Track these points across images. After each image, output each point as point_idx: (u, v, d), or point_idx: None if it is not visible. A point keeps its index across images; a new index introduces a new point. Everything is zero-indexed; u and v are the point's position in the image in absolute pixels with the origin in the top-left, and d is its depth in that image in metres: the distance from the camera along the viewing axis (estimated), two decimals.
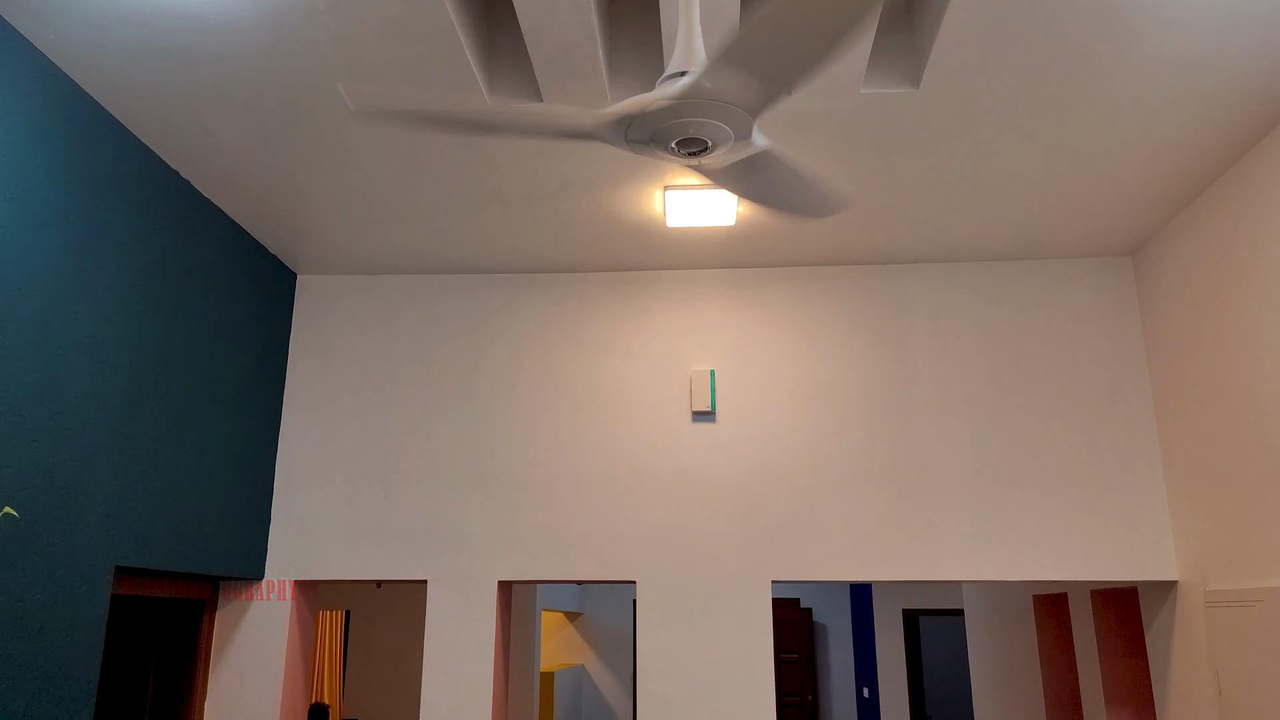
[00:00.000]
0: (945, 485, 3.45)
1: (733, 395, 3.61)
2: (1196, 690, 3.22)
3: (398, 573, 3.47)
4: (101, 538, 2.49)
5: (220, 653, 3.37)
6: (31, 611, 2.22)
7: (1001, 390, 3.54)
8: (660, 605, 3.42)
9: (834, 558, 3.42)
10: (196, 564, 2.98)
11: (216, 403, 3.12)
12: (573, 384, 3.64)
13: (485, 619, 3.42)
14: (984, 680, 5.81)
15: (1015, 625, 5.16)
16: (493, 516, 3.51)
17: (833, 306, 3.67)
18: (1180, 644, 3.33)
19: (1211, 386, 3.11)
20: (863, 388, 3.58)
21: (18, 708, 2.17)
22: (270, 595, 3.44)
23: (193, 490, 2.96)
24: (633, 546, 3.47)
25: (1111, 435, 3.46)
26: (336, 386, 3.66)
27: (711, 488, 3.51)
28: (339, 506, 3.53)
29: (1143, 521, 3.38)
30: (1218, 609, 3.05)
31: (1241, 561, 2.95)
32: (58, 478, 2.33)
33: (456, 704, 3.34)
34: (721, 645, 3.37)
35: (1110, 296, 3.60)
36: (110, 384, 2.55)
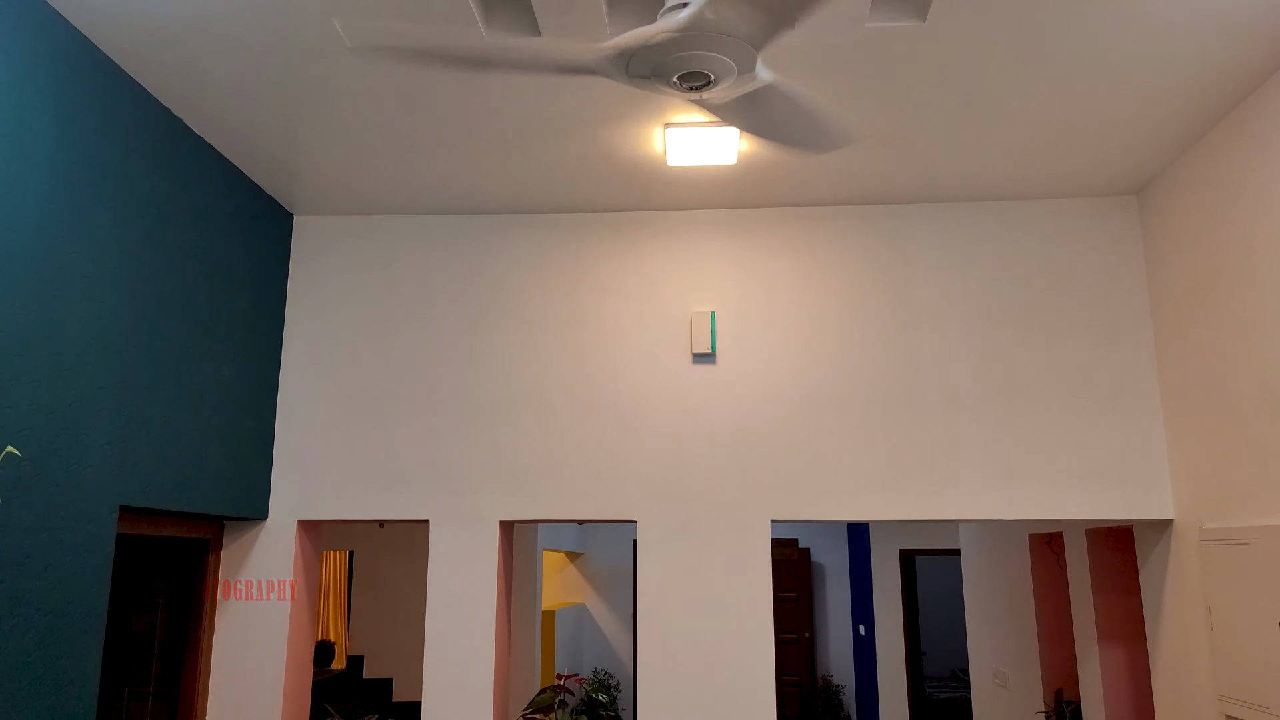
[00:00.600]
0: (945, 426, 3.46)
1: (733, 337, 3.60)
2: (1188, 625, 3.28)
3: (400, 513, 3.50)
4: (105, 478, 2.50)
5: (226, 596, 3.42)
6: (38, 550, 2.24)
7: (1002, 331, 3.53)
8: (660, 544, 3.46)
9: (833, 497, 3.44)
10: (200, 504, 3.00)
11: (215, 344, 3.12)
12: (573, 326, 3.63)
13: (487, 558, 3.46)
14: (978, 617, 5.91)
15: (1010, 564, 5.23)
16: (494, 457, 3.53)
17: (834, 247, 3.65)
18: (1174, 581, 3.38)
19: (1213, 327, 3.10)
20: (863, 329, 3.57)
21: (28, 643, 2.20)
22: (274, 535, 3.47)
23: (194, 431, 2.97)
24: (633, 487, 3.49)
25: (1111, 376, 3.47)
26: (335, 328, 3.65)
27: (711, 429, 3.52)
28: (341, 448, 3.55)
29: (1140, 461, 3.40)
30: (1212, 546, 3.08)
31: (1236, 500, 2.97)
32: (59, 418, 2.33)
33: (460, 641, 3.40)
34: (721, 584, 3.42)
35: (1114, 236, 3.57)
36: (108, 325, 2.54)
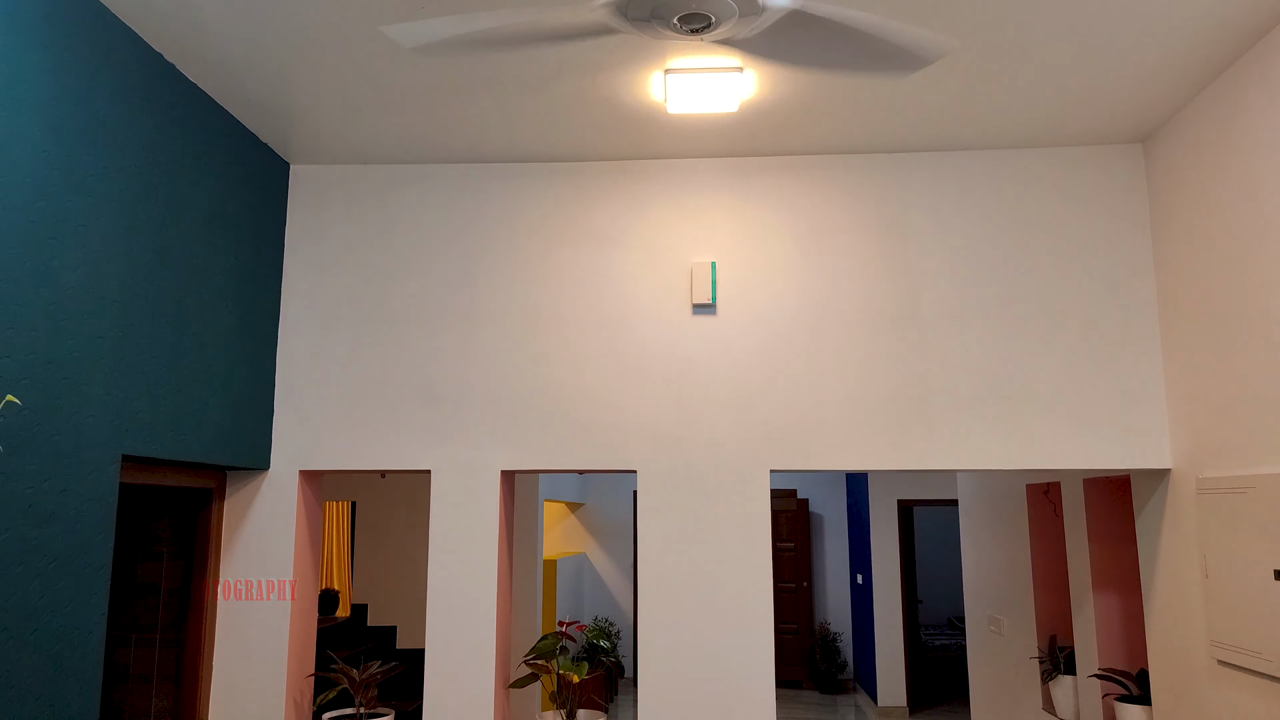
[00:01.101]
0: (944, 375, 3.46)
1: (734, 287, 3.59)
2: (1183, 573, 3.31)
3: (401, 463, 3.52)
4: (107, 427, 2.51)
5: (230, 541, 3.45)
6: (42, 498, 2.25)
7: (1004, 281, 3.51)
8: (660, 494, 3.48)
9: (832, 448, 3.46)
10: (202, 454, 3.01)
11: (214, 294, 3.10)
12: (572, 276, 3.61)
13: (489, 507, 3.49)
14: (975, 565, 5.97)
15: (1007, 513, 5.27)
16: (494, 407, 3.53)
17: (835, 197, 3.61)
18: (1170, 530, 3.41)
19: (1215, 277, 3.08)
20: (864, 279, 3.55)
21: (34, 590, 2.23)
22: (276, 485, 3.49)
23: (195, 381, 2.97)
24: (633, 437, 3.51)
25: (1113, 325, 3.46)
26: (334, 278, 3.63)
27: (712, 379, 3.52)
28: (342, 398, 3.55)
29: (1139, 412, 3.41)
30: (1208, 496, 3.10)
31: (1234, 450, 2.98)
32: (59, 368, 2.33)
33: (462, 589, 3.44)
34: (721, 533, 3.45)
35: (1119, 185, 3.54)
36: (105, 274, 2.53)
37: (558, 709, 3.50)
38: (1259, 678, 2.85)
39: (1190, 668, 3.28)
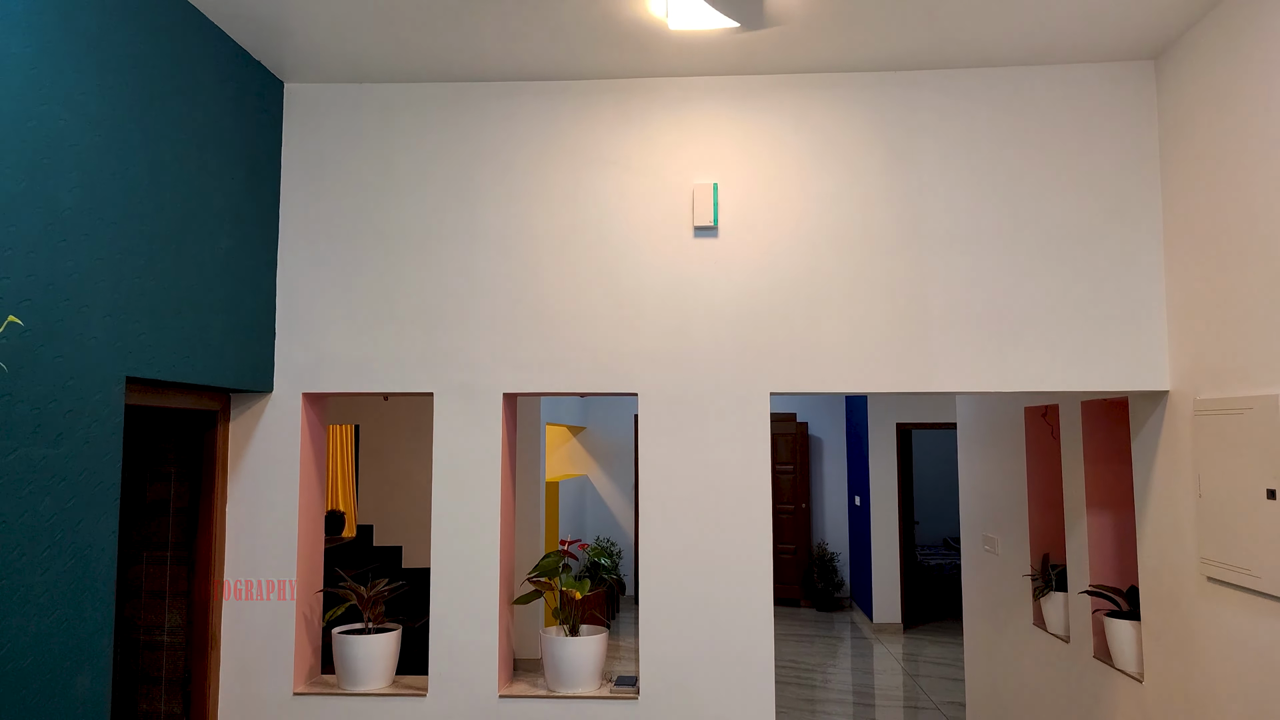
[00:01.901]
0: (946, 298, 3.46)
1: (735, 209, 3.55)
2: (1177, 493, 3.36)
3: (403, 385, 3.54)
4: (109, 349, 2.52)
5: (236, 463, 3.49)
6: (48, 419, 2.28)
7: (1009, 202, 3.48)
8: (661, 416, 3.51)
9: (832, 370, 3.47)
10: (205, 376, 3.03)
11: (211, 216, 3.08)
12: (572, 197, 3.58)
13: (491, 430, 3.52)
14: (971, 487, 6.06)
15: (1005, 436, 5.32)
16: (495, 330, 3.54)
17: (839, 116, 3.55)
18: (1165, 451, 3.44)
19: (1224, 198, 3.05)
20: (867, 200, 3.52)
21: (44, 510, 2.26)
22: (280, 408, 3.52)
23: (196, 304, 2.97)
24: (634, 359, 3.52)
25: (1117, 247, 3.44)
26: (332, 201, 3.60)
27: (713, 302, 3.52)
28: (342, 320, 3.56)
29: (1139, 334, 3.41)
30: (1205, 417, 3.12)
31: (1232, 372, 3.00)
32: (59, 290, 2.33)
33: (466, 510, 3.49)
34: (721, 455, 3.48)
35: (1128, 104, 3.48)
36: (101, 195, 2.51)
37: (561, 624, 3.59)
38: (1247, 593, 2.91)
39: (1179, 584, 3.35)
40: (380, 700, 3.43)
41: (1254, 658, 2.89)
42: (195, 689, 3.35)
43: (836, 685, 7.66)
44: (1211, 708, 3.14)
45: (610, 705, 3.41)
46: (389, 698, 3.44)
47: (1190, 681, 3.28)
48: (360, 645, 3.46)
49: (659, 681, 3.40)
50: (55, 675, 2.29)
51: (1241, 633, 2.96)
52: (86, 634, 2.40)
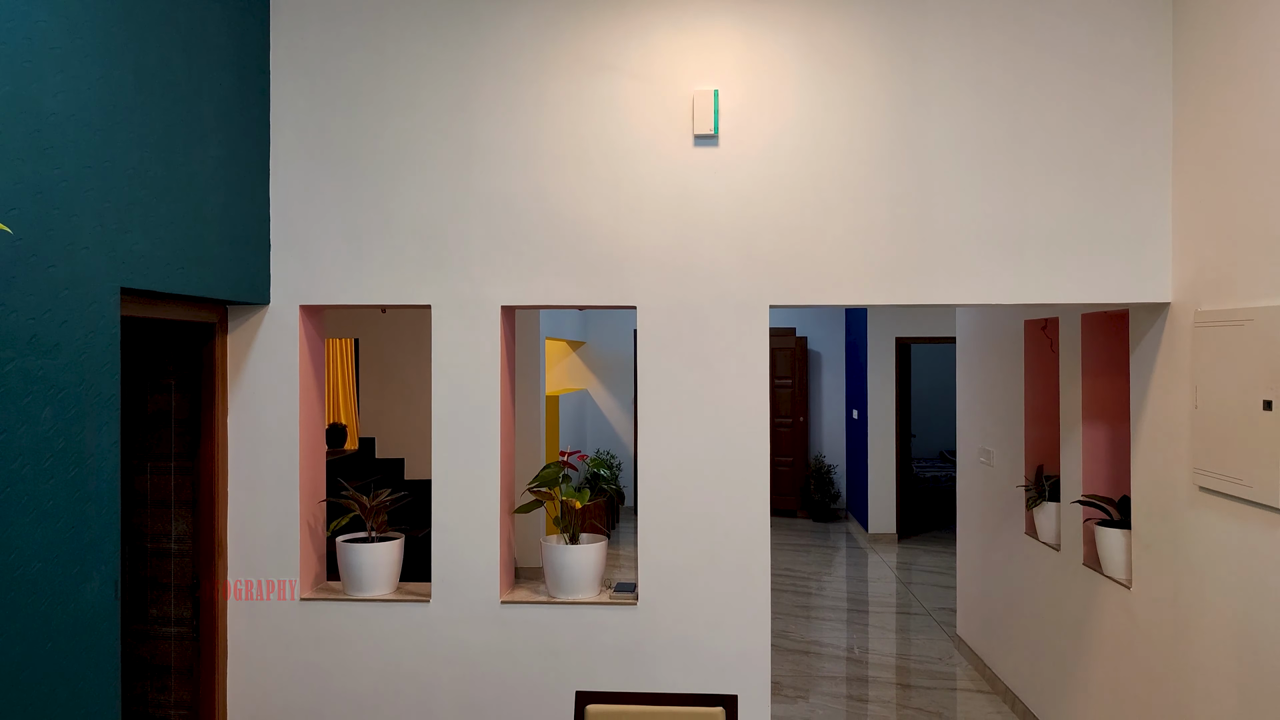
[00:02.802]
0: (948, 209, 3.41)
1: (736, 118, 3.48)
2: (1172, 405, 3.37)
3: (401, 297, 3.52)
4: (102, 259, 2.49)
5: (236, 374, 3.50)
6: (44, 330, 2.27)
7: (1016, 112, 3.40)
8: (660, 329, 3.50)
9: (833, 282, 3.45)
10: (201, 288, 3.01)
11: (199, 124, 3.01)
12: (570, 104, 3.49)
13: (490, 343, 3.51)
14: (969, 400, 6.09)
15: (1004, 349, 5.33)
16: (493, 241, 3.50)
17: (844, 24, 3.44)
18: (1163, 363, 3.45)
19: (1237, 107, 2.98)
20: (870, 110, 3.44)
21: (45, 419, 2.27)
22: (277, 320, 3.51)
23: (188, 214, 2.93)
24: (633, 271, 3.49)
25: (1124, 158, 3.38)
26: (323, 109, 3.52)
27: (713, 212, 3.47)
28: (339, 233, 3.51)
29: (1144, 245, 3.38)
30: (1206, 328, 3.12)
31: (1235, 284, 2.98)
32: (48, 198, 2.29)
33: (467, 423, 3.51)
34: (720, 367, 3.49)
35: (1143, 10, 3.37)
36: (87, 100, 2.44)
37: (561, 533, 3.65)
38: (1238, 502, 2.95)
39: (1172, 493, 3.39)
40: (385, 605, 3.51)
41: (1242, 565, 2.95)
42: (204, 595, 3.43)
43: (831, 593, 7.85)
44: (1198, 613, 3.22)
45: (610, 610, 3.49)
46: (394, 603, 3.52)
47: (1178, 588, 3.36)
48: (364, 553, 3.52)
49: (657, 588, 3.48)
50: (64, 581, 2.33)
51: (1231, 541, 3.01)
52: (93, 541, 2.44)
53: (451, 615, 3.50)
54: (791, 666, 5.91)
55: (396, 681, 3.50)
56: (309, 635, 3.51)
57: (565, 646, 3.48)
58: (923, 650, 6.26)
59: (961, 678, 5.71)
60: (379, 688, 3.50)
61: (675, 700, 2.52)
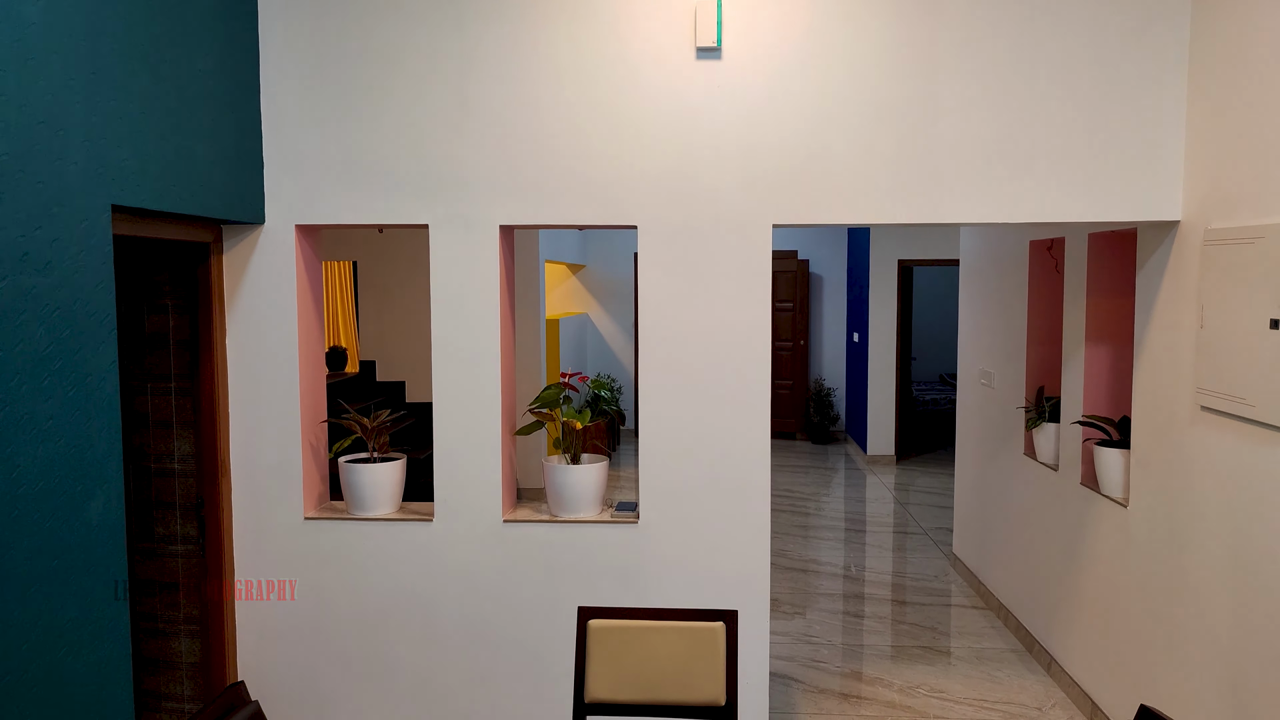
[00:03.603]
0: (956, 125, 3.33)
1: (740, 29, 3.37)
2: (1177, 324, 3.35)
3: (398, 217, 3.46)
4: (91, 175, 2.44)
5: (233, 295, 3.47)
6: (35, 248, 2.23)
7: (1027, 23, 3.29)
8: (661, 249, 3.45)
9: (838, 201, 3.38)
10: (194, 206, 2.95)
11: (186, 35, 2.92)
12: (568, 16, 3.38)
13: (489, 263, 3.47)
14: (971, 321, 6.07)
15: (1008, 270, 5.28)
16: (490, 159, 3.42)
17: None
18: (1170, 282, 3.41)
19: (1258, 14, 2.88)
20: (878, 24, 3.33)
21: (41, 338, 2.25)
22: (273, 240, 3.46)
23: (178, 129, 2.86)
24: (634, 190, 3.43)
25: (1138, 71, 3.28)
26: (314, 21, 3.40)
27: (715, 129, 3.39)
28: (334, 151, 3.44)
29: (1155, 162, 3.31)
30: (1215, 246, 3.07)
31: (1247, 200, 2.92)
32: (32, 111, 2.23)
33: (467, 345, 3.49)
34: (721, 288, 3.45)
35: None
36: (69, 9, 2.36)
37: (562, 454, 3.66)
38: (1240, 421, 2.95)
39: (1172, 413, 3.39)
40: (389, 524, 3.55)
41: (1240, 484, 2.97)
42: (209, 514, 3.46)
43: (829, 513, 7.95)
44: (1193, 531, 3.25)
45: (611, 529, 3.52)
46: (397, 522, 3.55)
47: (1175, 506, 3.38)
48: (366, 473, 3.54)
49: (658, 508, 3.51)
50: (68, 499, 2.34)
51: (1230, 460, 3.02)
52: (96, 460, 2.44)
53: (454, 534, 3.53)
54: (790, 584, 6.01)
55: (400, 598, 3.55)
56: (314, 553, 3.55)
57: (567, 564, 3.53)
58: (919, 568, 6.36)
59: (956, 594, 5.82)
60: (383, 604, 3.56)
61: (677, 615, 2.56)
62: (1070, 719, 4.12)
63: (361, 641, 3.57)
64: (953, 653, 4.87)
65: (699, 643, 2.51)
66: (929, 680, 4.52)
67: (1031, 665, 4.70)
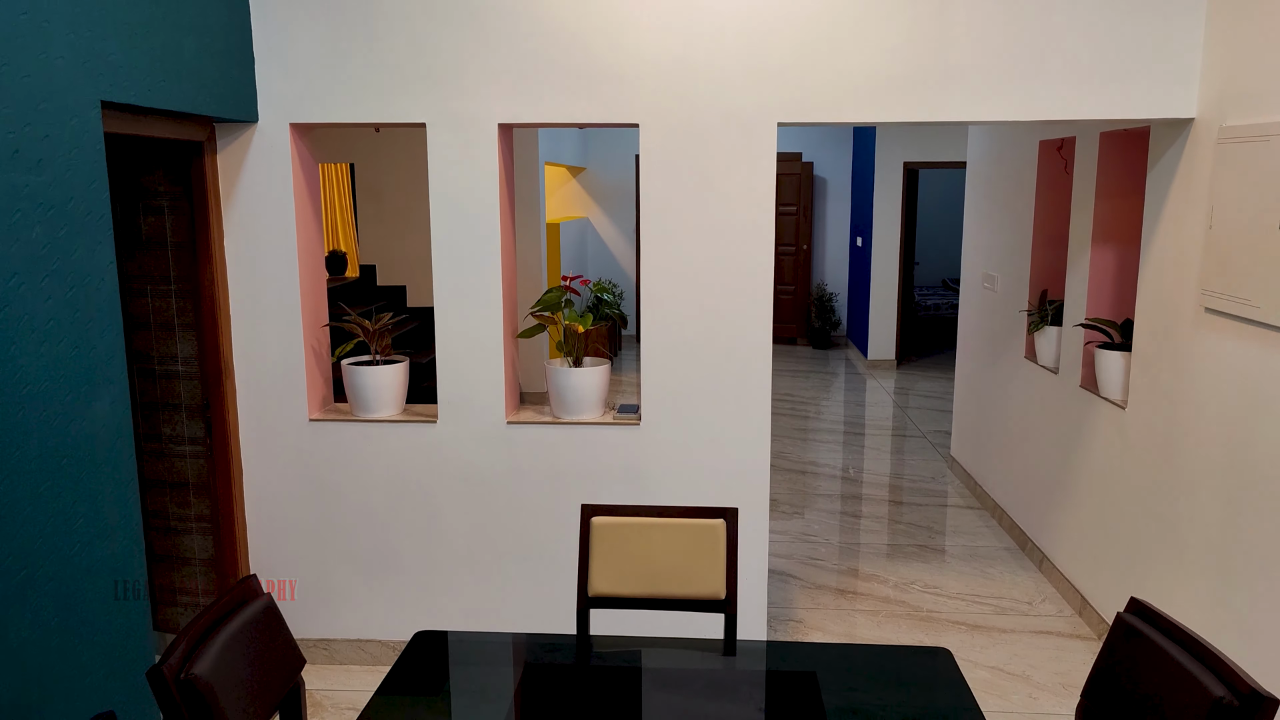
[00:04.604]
0: (968, 19, 3.22)
1: None
2: (1186, 224, 3.31)
3: (394, 115, 3.38)
4: (78, 70, 2.37)
5: (229, 196, 3.42)
6: (26, 145, 2.19)
7: None
8: (663, 150, 3.39)
9: (845, 98, 3.30)
10: (185, 103, 2.88)
11: None
12: None
13: (487, 163, 3.41)
14: (976, 225, 6.01)
15: (1016, 172, 5.20)
16: (488, 55, 3.33)
17: None
18: (1181, 181, 3.36)
19: None
20: None
21: (37, 238, 2.23)
22: (267, 139, 3.39)
23: (165, 22, 2.77)
24: (635, 87, 3.34)
25: None
26: None
27: (718, 24, 3.28)
28: (327, 47, 3.34)
29: (1171, 57, 3.21)
30: (1228, 145, 3.01)
31: (1264, 96, 2.85)
32: (14, 1, 2.15)
33: (466, 248, 3.46)
34: (724, 189, 3.39)
35: None
36: None
37: (565, 357, 3.67)
38: (1243, 323, 2.95)
39: (1176, 315, 3.38)
40: (393, 426, 3.58)
41: (1240, 386, 2.98)
42: (215, 416, 3.49)
43: (829, 416, 8.03)
44: (1190, 432, 3.28)
45: (613, 430, 3.56)
46: (401, 424, 3.58)
47: (1173, 408, 3.41)
48: (369, 375, 3.56)
49: (660, 409, 3.53)
50: (73, 400, 2.36)
51: (1231, 361, 3.03)
52: (99, 360, 2.44)
53: (458, 435, 3.57)
54: (789, 485, 6.11)
55: (406, 497, 3.61)
56: (319, 454, 3.59)
57: (570, 465, 3.57)
58: (916, 470, 6.46)
59: (952, 495, 5.92)
60: (390, 503, 3.62)
61: (678, 513, 2.60)
62: (1059, 612, 4.24)
63: (369, 539, 3.65)
64: (947, 551, 4.99)
65: (700, 539, 2.56)
66: (923, 577, 4.64)
67: (1024, 562, 4.81)
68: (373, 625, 3.73)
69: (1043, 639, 4.00)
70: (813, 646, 2.39)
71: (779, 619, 4.17)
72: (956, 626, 4.11)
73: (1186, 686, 1.74)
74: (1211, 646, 1.76)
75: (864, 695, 2.11)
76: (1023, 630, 4.08)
